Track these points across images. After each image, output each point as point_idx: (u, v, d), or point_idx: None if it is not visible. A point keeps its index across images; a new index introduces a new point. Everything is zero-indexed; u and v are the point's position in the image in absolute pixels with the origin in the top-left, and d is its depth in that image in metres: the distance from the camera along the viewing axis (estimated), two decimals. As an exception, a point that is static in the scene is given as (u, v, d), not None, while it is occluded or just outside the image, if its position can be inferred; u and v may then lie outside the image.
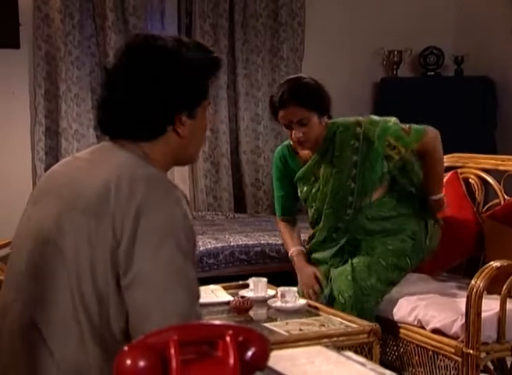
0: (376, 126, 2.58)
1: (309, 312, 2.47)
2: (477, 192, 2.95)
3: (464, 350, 2.30)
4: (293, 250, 2.73)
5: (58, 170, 1.47)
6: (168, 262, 1.28)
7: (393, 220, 2.64)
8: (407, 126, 2.60)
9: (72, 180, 1.39)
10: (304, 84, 2.58)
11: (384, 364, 2.36)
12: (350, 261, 2.60)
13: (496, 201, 2.92)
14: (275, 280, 2.74)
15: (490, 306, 2.35)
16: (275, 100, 2.54)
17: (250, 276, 2.72)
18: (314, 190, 2.67)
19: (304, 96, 2.53)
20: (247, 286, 2.67)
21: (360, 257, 2.60)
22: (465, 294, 2.32)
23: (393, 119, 2.61)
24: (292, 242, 2.76)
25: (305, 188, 2.70)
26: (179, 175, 4.43)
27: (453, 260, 2.88)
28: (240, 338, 0.98)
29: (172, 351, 0.93)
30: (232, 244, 3.62)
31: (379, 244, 2.62)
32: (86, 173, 1.38)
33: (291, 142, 2.64)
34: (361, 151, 2.57)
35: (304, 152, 2.68)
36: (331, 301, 2.58)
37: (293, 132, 2.54)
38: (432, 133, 2.62)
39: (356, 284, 2.52)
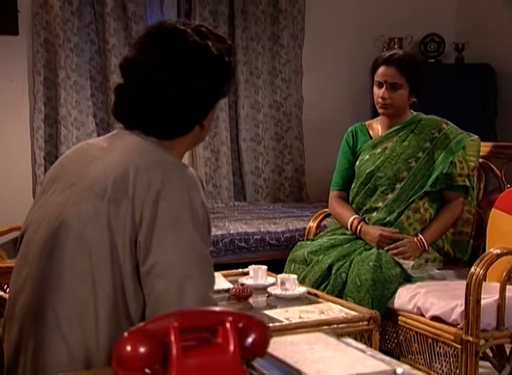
0: (460, 134, 2.76)
1: (309, 299, 2.47)
2: (477, 180, 2.95)
3: (463, 337, 2.30)
4: (353, 218, 2.77)
5: (72, 157, 1.47)
6: (189, 248, 1.30)
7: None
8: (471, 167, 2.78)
9: (87, 167, 1.39)
10: (414, 59, 2.84)
11: (383, 351, 2.37)
12: (376, 249, 2.65)
13: (497, 189, 2.92)
14: (275, 268, 2.74)
15: (490, 293, 2.35)
16: (383, 56, 2.76)
17: (250, 263, 2.72)
18: (374, 159, 2.78)
19: (409, 67, 2.72)
20: (246, 273, 2.67)
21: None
22: (465, 281, 2.32)
23: (477, 142, 2.80)
24: (349, 212, 2.81)
25: (367, 156, 2.80)
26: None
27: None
28: (240, 325, 0.98)
29: (173, 337, 0.94)
30: (231, 231, 3.62)
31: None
32: (101, 159, 1.38)
33: (376, 102, 2.77)
34: (436, 142, 2.74)
35: (376, 129, 2.84)
36: (340, 286, 2.60)
37: (382, 90, 2.71)
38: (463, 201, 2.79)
39: (380, 271, 2.55)
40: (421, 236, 2.71)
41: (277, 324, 2.17)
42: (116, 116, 1.46)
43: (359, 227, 2.74)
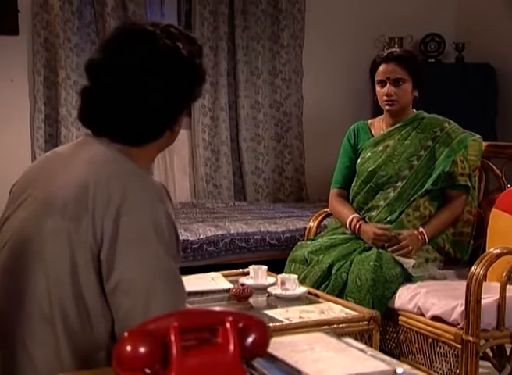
0: (463, 133, 2.76)
1: (309, 299, 2.47)
2: (478, 180, 2.94)
3: (463, 337, 2.30)
4: (352, 216, 2.77)
5: (38, 169, 1.43)
6: (153, 263, 1.25)
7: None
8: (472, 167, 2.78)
9: (50, 180, 1.34)
10: (412, 53, 2.92)
11: (384, 351, 2.36)
12: (376, 249, 2.64)
13: (497, 188, 2.92)
14: (275, 268, 2.74)
15: (490, 293, 2.35)
16: (382, 55, 2.79)
17: (250, 263, 2.72)
18: (376, 157, 2.78)
19: (409, 61, 2.77)
20: (247, 273, 2.67)
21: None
22: (465, 281, 2.32)
23: (478, 142, 2.78)
24: (349, 211, 2.81)
25: (368, 154, 2.81)
26: (179, 163, 4.42)
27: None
28: (240, 325, 0.98)
29: (173, 337, 0.94)
30: (232, 231, 3.62)
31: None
32: (63, 172, 1.33)
33: (381, 101, 2.77)
34: (438, 140, 2.75)
35: (378, 128, 2.85)
36: (340, 285, 2.60)
37: (387, 87, 2.73)
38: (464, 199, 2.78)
39: (380, 271, 2.55)
40: (421, 229, 2.70)
41: (277, 324, 2.17)
42: (83, 121, 1.39)
43: (357, 226, 2.75)
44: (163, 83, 1.34)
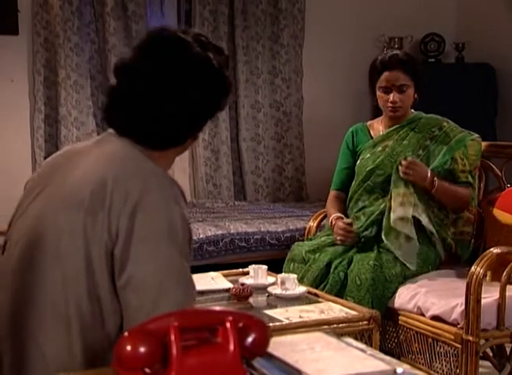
0: (461, 133, 2.76)
1: (309, 298, 2.47)
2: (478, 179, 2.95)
3: (463, 337, 2.30)
4: (332, 216, 2.80)
5: (57, 162, 1.44)
6: (165, 262, 1.27)
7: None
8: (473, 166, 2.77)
9: (68, 174, 1.35)
10: (411, 56, 2.87)
11: (384, 351, 2.36)
12: (375, 248, 2.64)
13: (497, 188, 2.92)
14: (275, 268, 2.75)
15: (490, 293, 2.36)
16: (383, 61, 2.74)
17: (250, 263, 2.72)
18: (375, 157, 2.79)
19: (410, 65, 2.75)
20: (247, 273, 2.68)
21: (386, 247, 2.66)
22: (465, 281, 2.32)
23: (477, 141, 2.77)
24: (334, 210, 2.84)
25: (368, 155, 2.82)
26: (179, 163, 4.42)
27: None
28: (240, 324, 0.98)
29: (173, 337, 0.94)
30: (232, 231, 3.62)
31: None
32: (81, 168, 1.34)
33: (384, 107, 2.77)
34: (437, 140, 2.75)
35: (377, 129, 2.86)
36: (338, 284, 2.60)
37: (392, 95, 2.72)
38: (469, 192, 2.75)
39: (380, 270, 2.55)
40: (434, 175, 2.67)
41: (277, 324, 2.17)
42: (109, 121, 1.41)
43: (334, 224, 2.76)
44: (194, 92, 1.36)
